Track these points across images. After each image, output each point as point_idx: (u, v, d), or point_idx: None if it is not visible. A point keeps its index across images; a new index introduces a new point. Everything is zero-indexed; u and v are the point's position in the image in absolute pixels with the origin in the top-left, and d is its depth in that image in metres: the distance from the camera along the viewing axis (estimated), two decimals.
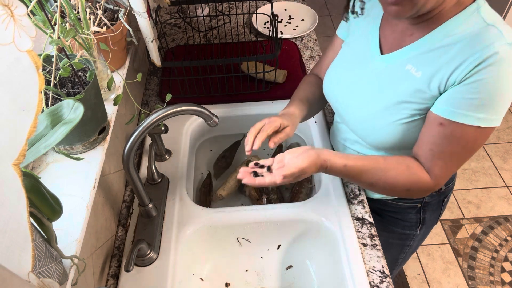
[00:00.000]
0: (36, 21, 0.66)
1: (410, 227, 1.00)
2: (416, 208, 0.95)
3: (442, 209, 1.00)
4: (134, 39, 0.98)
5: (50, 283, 0.46)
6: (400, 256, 1.11)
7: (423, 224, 0.99)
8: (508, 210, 1.99)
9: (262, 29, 1.41)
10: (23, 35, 0.38)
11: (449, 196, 0.98)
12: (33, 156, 0.51)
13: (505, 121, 2.42)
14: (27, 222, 0.43)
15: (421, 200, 0.94)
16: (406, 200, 0.94)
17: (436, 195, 0.94)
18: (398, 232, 1.02)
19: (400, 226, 1.00)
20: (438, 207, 0.98)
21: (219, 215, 0.91)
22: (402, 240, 1.04)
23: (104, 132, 0.81)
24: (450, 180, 0.94)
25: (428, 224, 1.01)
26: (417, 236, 1.03)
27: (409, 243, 1.05)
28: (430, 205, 0.96)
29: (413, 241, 1.05)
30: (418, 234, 1.02)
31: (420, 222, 0.99)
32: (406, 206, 0.95)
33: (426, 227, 1.02)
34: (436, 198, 0.95)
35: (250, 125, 1.18)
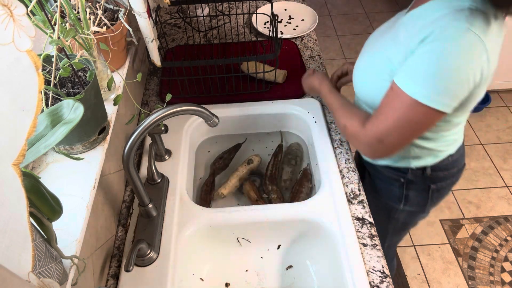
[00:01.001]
0: (36, 21, 0.66)
1: (394, 200, 1.04)
2: (399, 182, 0.98)
3: (431, 197, 1.00)
4: (134, 39, 0.98)
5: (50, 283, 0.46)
6: (389, 226, 1.13)
7: (406, 201, 1.02)
8: (508, 210, 1.99)
9: (262, 29, 1.41)
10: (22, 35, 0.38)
11: (440, 186, 0.99)
12: (33, 156, 0.51)
13: (505, 121, 2.42)
14: (27, 222, 0.43)
15: (404, 176, 0.96)
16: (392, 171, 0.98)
17: (420, 176, 0.95)
18: (384, 202, 1.06)
19: (385, 196, 1.05)
20: (424, 191, 0.99)
21: (219, 215, 0.91)
22: (387, 210, 1.08)
23: (104, 132, 0.81)
24: (440, 167, 0.94)
25: (414, 204, 1.02)
26: (402, 212, 1.05)
27: (394, 215, 1.08)
28: (414, 184, 0.97)
29: (398, 216, 1.07)
30: (402, 210, 1.05)
31: (403, 198, 1.01)
32: (390, 176, 0.99)
33: (412, 207, 1.03)
34: (420, 178, 0.96)
35: (250, 125, 1.19)
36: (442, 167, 0.95)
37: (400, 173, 0.97)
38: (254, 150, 1.22)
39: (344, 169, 1.00)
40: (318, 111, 1.13)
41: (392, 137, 0.75)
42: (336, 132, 1.09)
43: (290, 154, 1.16)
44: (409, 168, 0.95)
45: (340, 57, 2.91)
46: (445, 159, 0.93)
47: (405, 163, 0.94)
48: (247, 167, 1.11)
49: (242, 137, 1.22)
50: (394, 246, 1.31)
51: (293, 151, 1.17)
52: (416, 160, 0.93)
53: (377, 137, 0.77)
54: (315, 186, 1.06)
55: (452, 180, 1.00)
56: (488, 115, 2.46)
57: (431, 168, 0.94)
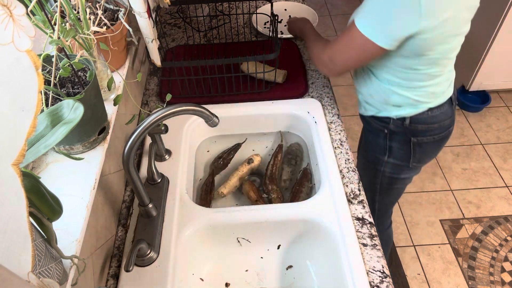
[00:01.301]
0: (36, 21, 0.66)
1: (379, 152, 1.14)
2: (383, 133, 1.09)
3: (413, 151, 1.08)
4: (134, 39, 0.98)
5: (50, 283, 0.46)
6: (376, 181, 1.22)
7: (390, 153, 1.12)
8: (508, 210, 1.99)
9: (262, 29, 1.41)
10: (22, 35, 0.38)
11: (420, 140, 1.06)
12: (33, 156, 0.51)
13: (505, 121, 2.42)
14: (27, 222, 0.43)
15: (387, 126, 1.07)
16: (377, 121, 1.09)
17: (401, 126, 1.04)
18: (372, 155, 1.17)
19: (373, 148, 1.16)
20: (406, 144, 1.07)
21: (219, 215, 0.91)
22: (374, 164, 1.18)
23: (104, 132, 0.81)
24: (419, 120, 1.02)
25: (397, 157, 1.11)
26: (387, 165, 1.15)
27: (380, 168, 1.17)
28: (396, 135, 1.08)
29: (384, 168, 1.16)
30: (387, 162, 1.14)
31: (387, 150, 1.11)
32: (377, 127, 1.10)
33: (396, 160, 1.12)
34: (401, 129, 1.05)
35: (250, 125, 1.19)
36: (420, 120, 1.02)
37: (383, 124, 1.08)
38: (254, 150, 1.22)
39: (344, 169, 1.00)
40: (318, 111, 1.13)
41: (340, 57, 0.94)
42: (336, 132, 1.09)
43: (290, 154, 1.16)
44: (390, 118, 1.05)
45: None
46: (424, 112, 1.01)
47: (387, 112, 1.04)
48: (248, 167, 1.11)
49: (242, 137, 1.21)
50: (386, 213, 1.36)
51: (293, 151, 1.17)
52: (396, 109, 1.02)
53: (329, 56, 0.96)
54: (315, 186, 1.06)
55: (434, 137, 1.05)
56: (488, 115, 2.46)
57: (410, 120, 1.02)
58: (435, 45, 0.87)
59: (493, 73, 2.34)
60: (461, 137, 2.35)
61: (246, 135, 1.22)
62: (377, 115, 1.08)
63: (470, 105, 2.45)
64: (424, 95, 0.98)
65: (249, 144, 1.22)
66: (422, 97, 0.99)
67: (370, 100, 1.07)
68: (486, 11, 2.14)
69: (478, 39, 2.25)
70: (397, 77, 0.96)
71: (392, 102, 1.01)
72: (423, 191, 2.08)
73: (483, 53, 2.23)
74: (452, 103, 1.05)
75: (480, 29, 2.22)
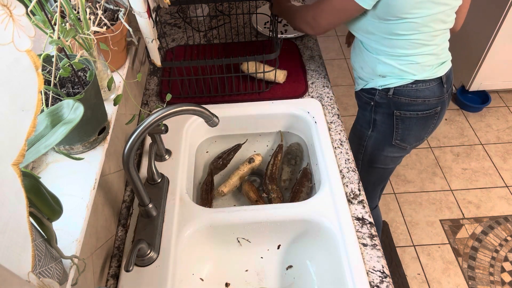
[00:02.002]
0: (36, 21, 0.66)
1: (365, 125, 1.19)
2: (369, 105, 1.14)
3: (396, 126, 1.11)
4: (134, 39, 0.98)
5: (50, 283, 0.46)
6: (358, 157, 1.27)
7: (374, 126, 1.16)
8: (508, 210, 1.99)
9: (262, 29, 1.41)
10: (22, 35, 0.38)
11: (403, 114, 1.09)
12: (33, 156, 0.51)
13: (505, 121, 2.42)
14: (27, 222, 0.43)
15: (372, 98, 1.11)
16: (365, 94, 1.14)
17: (385, 98, 1.08)
18: (358, 129, 1.23)
19: (360, 122, 1.21)
20: (389, 117, 1.11)
21: (219, 215, 0.91)
22: (358, 138, 1.23)
23: (104, 132, 0.81)
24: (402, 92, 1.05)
25: (380, 130, 1.15)
26: (370, 138, 1.19)
27: (363, 142, 1.22)
28: (380, 107, 1.11)
29: (366, 143, 1.21)
30: (370, 136, 1.19)
31: (371, 122, 1.16)
32: (365, 100, 1.15)
33: (378, 134, 1.16)
34: (385, 101, 1.09)
35: (250, 125, 1.19)
36: (404, 92, 1.05)
37: (370, 96, 1.12)
38: (254, 150, 1.22)
39: (344, 169, 1.00)
40: (318, 111, 1.13)
41: (322, 16, 1.00)
42: (336, 132, 1.09)
43: (290, 154, 1.16)
44: (376, 89, 1.09)
45: (340, 57, 2.91)
46: (408, 84, 1.04)
47: (373, 83, 1.09)
48: (249, 166, 1.11)
49: (242, 137, 1.21)
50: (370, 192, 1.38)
51: (293, 151, 1.17)
52: (382, 80, 1.06)
53: (312, 15, 1.02)
54: (315, 186, 1.06)
55: (418, 113, 1.07)
56: (488, 115, 2.46)
57: (393, 91, 1.06)
58: (410, 8, 0.90)
59: (493, 73, 2.34)
60: (461, 137, 2.35)
61: (246, 135, 1.22)
62: (366, 87, 1.12)
63: (470, 105, 2.45)
64: (408, 64, 1.02)
65: (249, 144, 1.22)
66: (406, 67, 1.02)
67: (361, 73, 1.13)
68: (486, 11, 2.14)
69: (478, 39, 2.25)
70: (382, 44, 1.01)
71: (378, 72, 1.06)
72: (423, 191, 2.08)
73: (483, 53, 2.23)
74: (443, 85, 1.07)
75: (480, 29, 2.22)
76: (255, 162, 1.12)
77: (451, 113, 2.49)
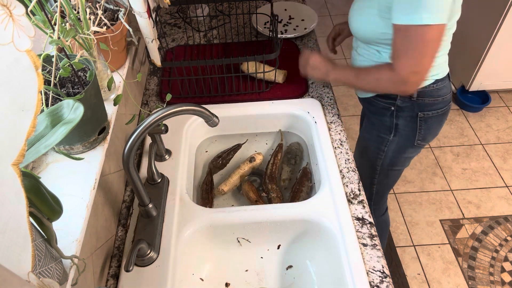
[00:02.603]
0: (36, 21, 0.66)
1: (384, 131, 1.13)
2: (390, 110, 1.08)
3: (419, 128, 1.08)
4: (134, 39, 0.98)
5: (50, 283, 0.46)
6: (377, 163, 1.21)
7: (396, 131, 1.11)
8: (508, 210, 1.99)
9: (262, 29, 1.41)
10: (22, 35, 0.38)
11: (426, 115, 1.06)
12: (33, 156, 0.51)
13: (505, 121, 2.42)
14: (27, 222, 0.43)
15: (393, 103, 1.05)
16: (383, 99, 1.08)
17: (408, 101, 1.03)
18: (375, 135, 1.16)
19: (377, 128, 1.15)
20: (412, 120, 1.07)
21: (219, 215, 0.91)
22: (377, 143, 1.17)
23: (104, 132, 0.81)
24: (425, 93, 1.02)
25: (402, 134, 1.10)
26: (391, 144, 1.14)
27: (384, 148, 1.16)
28: (403, 111, 1.06)
29: (387, 148, 1.15)
30: (392, 141, 1.13)
31: (393, 128, 1.10)
32: (383, 105, 1.09)
33: (400, 138, 1.11)
34: (408, 104, 1.04)
35: (250, 125, 1.19)
36: (427, 93, 1.02)
37: (390, 101, 1.06)
38: (255, 150, 1.22)
39: (344, 169, 1.00)
40: (318, 111, 1.13)
41: (423, 65, 0.88)
42: (336, 132, 1.09)
43: (289, 154, 1.16)
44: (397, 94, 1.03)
45: (340, 57, 2.91)
46: (430, 85, 1.01)
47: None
48: (249, 165, 1.11)
49: (242, 137, 1.22)
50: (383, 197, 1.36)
51: (293, 150, 1.17)
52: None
53: (412, 70, 0.88)
54: (315, 186, 1.06)
55: (438, 111, 1.06)
56: (488, 115, 2.46)
57: (417, 93, 1.02)
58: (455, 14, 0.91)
59: (493, 73, 2.34)
60: (461, 137, 2.35)
61: (246, 135, 1.22)
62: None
63: (470, 105, 2.45)
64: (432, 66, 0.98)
65: (249, 144, 1.22)
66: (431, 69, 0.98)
67: None
68: (486, 11, 2.14)
69: (478, 39, 2.25)
70: None
71: None
72: (423, 191, 2.08)
73: (483, 53, 2.23)
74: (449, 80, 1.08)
75: (480, 29, 2.22)
76: (256, 161, 1.12)
77: (451, 113, 2.48)
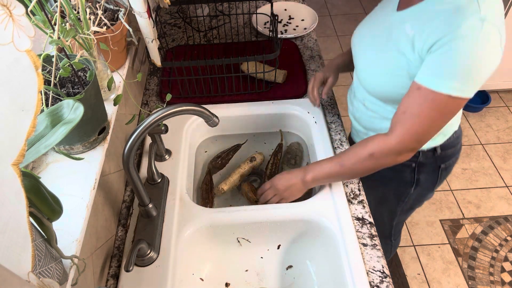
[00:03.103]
0: (36, 21, 0.66)
1: (404, 185, 1.05)
2: (410, 167, 0.99)
3: (440, 177, 1.03)
4: (134, 39, 0.98)
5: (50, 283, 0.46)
6: (398, 209, 1.15)
7: (417, 185, 1.03)
8: (508, 210, 1.99)
9: (262, 29, 1.41)
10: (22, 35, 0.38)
11: (447, 165, 1.01)
12: (33, 156, 0.51)
13: (505, 121, 2.42)
14: (27, 222, 0.43)
15: (415, 160, 0.97)
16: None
17: (431, 157, 0.97)
18: (393, 188, 1.08)
19: (395, 183, 1.06)
20: (434, 172, 1.01)
21: (219, 215, 0.91)
22: (397, 196, 1.10)
23: (104, 132, 0.81)
24: (448, 145, 0.97)
25: (424, 186, 1.04)
26: (412, 195, 1.07)
27: (404, 199, 1.09)
28: (425, 167, 0.99)
29: (408, 199, 1.09)
30: (413, 193, 1.07)
31: (414, 182, 1.03)
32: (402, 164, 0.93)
33: (422, 189, 1.06)
34: (431, 160, 0.98)
35: (250, 125, 1.19)
36: (449, 145, 0.97)
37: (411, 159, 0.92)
38: (256, 150, 1.22)
39: None
40: (318, 111, 1.13)
41: (430, 134, 0.78)
42: (336, 132, 1.09)
43: (289, 154, 1.16)
44: (420, 151, 0.96)
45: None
46: (450, 136, 0.97)
47: None
48: (250, 165, 1.11)
49: (242, 137, 1.21)
50: (402, 223, 1.34)
51: (292, 150, 1.17)
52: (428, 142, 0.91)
53: (415, 139, 0.78)
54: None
55: (456, 156, 1.02)
56: (488, 115, 2.46)
57: (440, 147, 0.96)
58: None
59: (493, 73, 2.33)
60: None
61: (246, 135, 1.22)
62: None
63: (470, 105, 2.45)
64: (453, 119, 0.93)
65: (249, 144, 1.22)
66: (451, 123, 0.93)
67: None
68: None
69: None
70: None
71: None
72: None
73: None
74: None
75: None
76: (256, 161, 1.12)
77: None
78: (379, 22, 0.89)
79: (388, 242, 1.35)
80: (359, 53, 0.93)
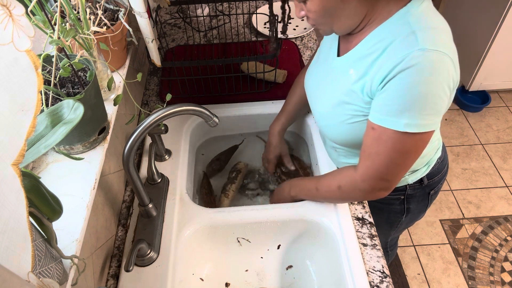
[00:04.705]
0: (36, 21, 0.66)
1: (395, 215, 1.06)
2: (399, 200, 1.00)
3: (430, 200, 1.04)
4: (134, 39, 0.98)
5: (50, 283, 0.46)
6: (391, 232, 1.17)
7: (408, 212, 1.05)
8: (508, 210, 1.99)
9: (262, 29, 1.41)
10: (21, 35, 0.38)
11: (436, 189, 1.02)
12: (33, 156, 0.51)
13: (505, 121, 2.42)
14: (27, 222, 0.43)
15: (403, 193, 0.97)
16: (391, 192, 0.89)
17: (419, 188, 0.97)
18: (385, 217, 1.08)
19: (385, 212, 1.06)
20: (424, 199, 1.02)
21: (219, 215, 0.91)
22: (389, 223, 1.11)
23: (104, 132, 0.81)
24: (434, 173, 0.96)
25: (414, 212, 1.06)
26: (403, 222, 1.09)
27: (396, 225, 1.11)
28: (414, 197, 0.99)
29: (400, 224, 1.11)
30: (404, 220, 1.08)
31: (405, 211, 1.04)
32: (390, 197, 0.96)
33: (413, 215, 1.07)
34: (419, 190, 0.98)
35: (250, 125, 1.19)
36: (435, 172, 0.97)
37: (399, 192, 0.97)
38: (254, 149, 1.22)
39: None
40: None
41: (396, 173, 0.75)
42: None
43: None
44: (407, 185, 0.95)
45: None
46: (435, 164, 0.95)
47: (402, 182, 0.95)
48: (239, 176, 1.12)
49: (242, 137, 1.22)
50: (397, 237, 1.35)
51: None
52: (413, 175, 0.93)
53: (379, 177, 0.75)
54: None
55: (444, 177, 1.02)
56: (488, 115, 2.46)
57: (427, 177, 0.96)
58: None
59: (493, 73, 2.34)
60: (461, 137, 2.35)
61: (246, 135, 1.22)
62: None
63: (470, 105, 2.45)
64: (434, 149, 0.93)
65: (249, 144, 1.22)
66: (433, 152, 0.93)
67: None
68: (486, 11, 2.14)
69: (478, 39, 2.25)
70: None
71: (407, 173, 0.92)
72: None
73: (483, 53, 2.23)
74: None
75: (480, 29, 2.22)
76: (241, 172, 1.13)
77: (451, 113, 2.49)
78: (323, 66, 0.87)
79: (384, 252, 1.35)
80: (313, 105, 0.91)
